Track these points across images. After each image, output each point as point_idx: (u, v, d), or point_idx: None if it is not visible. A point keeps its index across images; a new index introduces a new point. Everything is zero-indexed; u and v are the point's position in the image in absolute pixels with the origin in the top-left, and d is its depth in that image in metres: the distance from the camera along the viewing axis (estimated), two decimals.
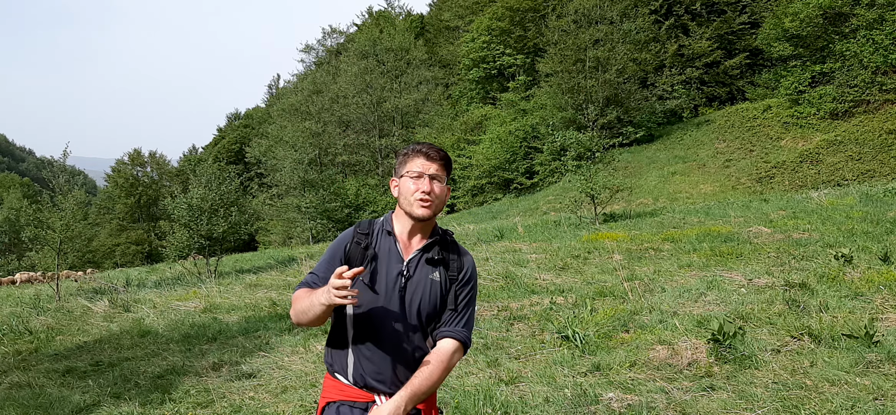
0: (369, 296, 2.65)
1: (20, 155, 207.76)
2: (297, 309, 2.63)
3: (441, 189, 2.71)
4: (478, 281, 3.13)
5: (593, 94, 40.46)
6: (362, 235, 2.76)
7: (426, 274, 2.72)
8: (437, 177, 2.69)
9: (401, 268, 2.69)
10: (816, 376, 5.67)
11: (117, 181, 72.79)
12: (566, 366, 6.65)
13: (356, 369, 2.68)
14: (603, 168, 24.98)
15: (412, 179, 2.69)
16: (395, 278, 2.67)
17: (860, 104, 31.51)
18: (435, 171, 2.69)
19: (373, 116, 59.45)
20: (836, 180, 27.17)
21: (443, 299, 2.74)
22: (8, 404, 7.08)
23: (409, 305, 2.67)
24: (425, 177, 2.67)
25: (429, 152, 2.72)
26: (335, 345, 2.77)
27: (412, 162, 2.72)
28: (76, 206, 18.26)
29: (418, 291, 2.69)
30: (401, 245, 2.74)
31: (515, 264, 13.62)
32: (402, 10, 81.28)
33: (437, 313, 2.73)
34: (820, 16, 32.79)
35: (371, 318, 2.65)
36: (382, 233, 2.78)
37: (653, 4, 44.30)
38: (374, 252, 2.72)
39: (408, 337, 2.67)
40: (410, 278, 2.69)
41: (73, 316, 12.73)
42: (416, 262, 2.72)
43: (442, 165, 2.72)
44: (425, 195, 2.65)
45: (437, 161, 2.71)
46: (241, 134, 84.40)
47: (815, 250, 11.51)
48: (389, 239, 2.76)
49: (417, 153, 2.73)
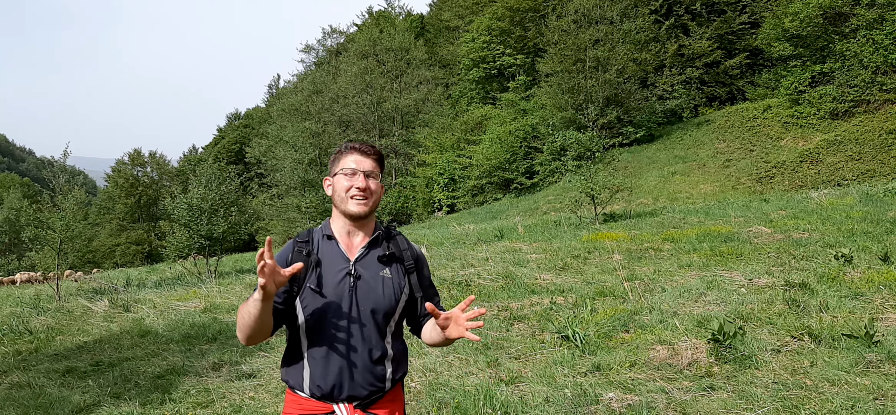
0: (319, 302, 2.59)
1: (20, 155, 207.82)
2: (241, 324, 2.52)
3: (376, 185, 2.69)
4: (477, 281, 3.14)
5: (593, 94, 40.45)
6: (302, 243, 2.69)
7: (377, 272, 2.67)
8: (371, 173, 2.67)
9: (348, 268, 2.64)
10: (816, 376, 5.67)
11: (117, 181, 72.80)
12: (566, 366, 6.65)
13: (312, 381, 2.60)
14: (603, 168, 24.99)
15: (346, 177, 2.66)
16: (342, 280, 2.62)
17: (860, 104, 31.48)
18: (369, 167, 2.67)
19: (373, 116, 59.46)
20: (836, 180, 27.15)
21: (398, 294, 2.69)
22: (8, 404, 7.08)
23: (361, 306, 2.61)
24: (359, 173, 2.65)
25: (362, 148, 2.70)
26: (290, 360, 2.69)
27: (345, 159, 2.69)
28: (76, 206, 18.25)
29: (370, 290, 2.63)
30: (343, 246, 2.69)
31: (515, 264, 13.61)
32: (402, 10, 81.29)
33: (394, 311, 2.68)
34: (820, 16, 32.77)
35: (323, 324, 2.59)
36: (323, 238, 2.72)
37: (653, 4, 44.28)
38: (317, 258, 2.65)
39: (363, 339, 2.60)
40: (360, 278, 2.63)
41: (74, 316, 12.74)
42: (365, 260, 2.68)
43: (375, 162, 2.70)
44: (360, 191, 2.63)
45: (370, 157, 2.69)
46: (241, 134, 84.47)
47: (815, 250, 11.50)
48: (331, 243, 2.70)
49: (350, 150, 2.71)
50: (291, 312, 2.64)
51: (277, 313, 2.59)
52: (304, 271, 2.61)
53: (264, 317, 2.44)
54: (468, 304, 2.53)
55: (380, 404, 2.67)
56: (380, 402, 2.67)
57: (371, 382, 2.61)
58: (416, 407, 5.92)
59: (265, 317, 2.44)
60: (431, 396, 6.09)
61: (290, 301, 2.62)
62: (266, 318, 2.45)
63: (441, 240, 21.34)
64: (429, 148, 52.13)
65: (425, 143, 52.88)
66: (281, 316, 2.62)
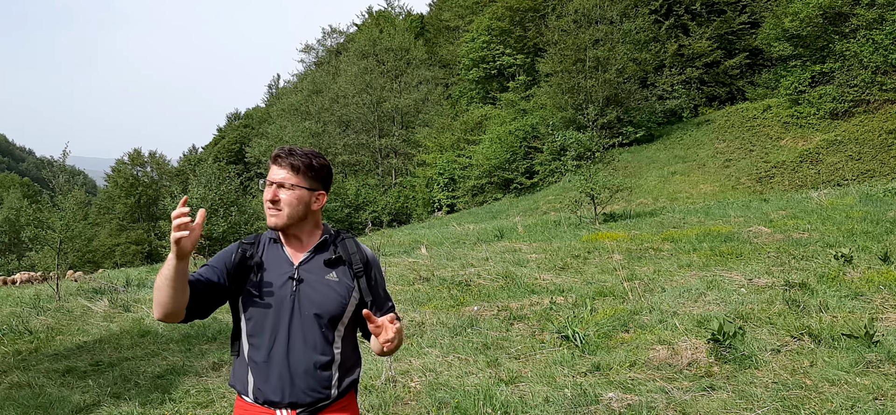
0: (259, 306, 2.55)
1: (20, 155, 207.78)
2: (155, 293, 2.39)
3: (291, 195, 2.57)
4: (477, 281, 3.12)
5: (593, 94, 40.45)
6: (248, 244, 2.66)
7: (322, 276, 2.61)
8: (282, 183, 2.57)
9: (291, 272, 2.59)
10: (816, 376, 5.67)
11: (117, 181, 72.71)
12: (566, 366, 6.65)
13: (255, 386, 2.56)
14: (603, 168, 25.01)
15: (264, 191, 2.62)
16: (285, 283, 2.57)
17: (860, 104, 31.49)
18: (281, 177, 2.57)
19: (373, 116, 59.47)
20: (836, 180, 27.16)
21: (345, 298, 2.62)
22: (8, 403, 7.08)
23: (304, 310, 2.55)
24: (272, 185, 2.58)
25: (278, 158, 2.61)
26: (236, 371, 2.66)
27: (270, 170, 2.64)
28: (76, 206, 18.29)
29: (314, 293, 2.57)
30: (288, 251, 2.65)
31: (515, 264, 13.62)
32: (402, 10, 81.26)
33: (340, 315, 2.61)
34: (820, 16, 32.77)
35: (263, 328, 2.55)
36: (269, 242, 2.68)
37: (653, 4, 44.26)
38: (258, 261, 2.61)
39: (305, 344, 2.54)
40: (302, 282, 2.58)
41: (73, 316, 12.73)
42: (309, 264, 2.63)
43: (289, 169, 2.59)
44: (269, 203, 2.56)
45: (283, 166, 2.58)
46: (241, 134, 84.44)
47: (814, 250, 11.51)
48: (276, 246, 2.67)
49: (271, 160, 2.64)
50: (235, 315, 2.65)
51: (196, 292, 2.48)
52: (246, 275, 2.58)
53: (178, 282, 2.34)
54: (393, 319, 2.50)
55: (327, 411, 2.61)
56: (327, 410, 2.61)
57: (314, 388, 2.55)
58: (415, 407, 5.92)
59: (179, 282, 2.34)
60: (431, 396, 6.09)
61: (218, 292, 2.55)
62: (181, 283, 2.35)
63: (441, 240, 21.35)
64: (429, 148, 52.12)
65: (425, 143, 52.87)
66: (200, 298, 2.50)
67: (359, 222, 49.84)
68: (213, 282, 2.54)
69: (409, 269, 14.27)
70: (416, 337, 8.41)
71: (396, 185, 56.07)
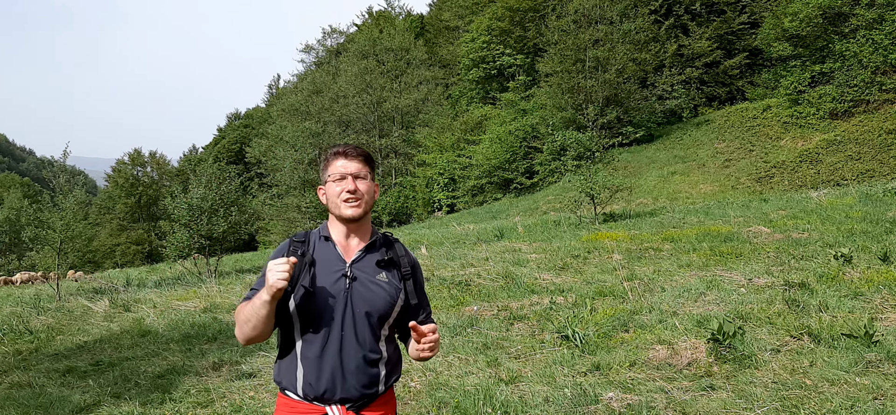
0: (313, 302, 2.58)
1: (20, 155, 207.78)
2: (241, 321, 2.54)
3: (367, 186, 2.69)
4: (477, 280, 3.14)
5: (593, 94, 40.46)
6: (298, 243, 2.70)
7: (373, 275, 2.67)
8: (359, 175, 2.67)
9: (344, 270, 2.63)
10: (816, 376, 5.68)
11: (117, 181, 72.80)
12: (566, 366, 6.66)
13: (305, 382, 2.58)
14: (602, 168, 24.97)
15: (335, 182, 2.67)
16: (338, 281, 2.61)
17: (860, 104, 31.48)
18: (356, 169, 2.67)
19: (373, 116, 59.45)
20: (836, 180, 27.16)
21: (394, 299, 2.69)
22: (8, 403, 7.09)
23: (356, 308, 2.60)
24: (348, 177, 2.65)
25: (346, 151, 2.70)
26: (283, 366, 2.67)
27: (332, 165, 2.70)
28: (76, 206, 18.26)
29: (366, 292, 2.63)
30: (340, 248, 2.69)
31: (515, 264, 13.62)
32: (402, 10, 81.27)
33: (389, 314, 2.68)
34: (819, 16, 32.76)
35: (317, 324, 2.58)
36: (320, 239, 2.73)
37: (652, 4, 44.26)
38: (311, 258, 2.64)
39: (357, 341, 2.59)
40: (355, 280, 2.63)
41: (74, 316, 12.75)
42: (361, 263, 2.68)
43: (363, 162, 2.70)
44: (350, 194, 2.63)
45: (356, 159, 2.69)
46: (242, 134, 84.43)
47: (814, 250, 11.51)
48: (328, 244, 2.71)
49: (336, 155, 2.72)
50: (285, 311, 2.63)
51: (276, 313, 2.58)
52: (299, 271, 2.59)
53: (270, 318, 2.48)
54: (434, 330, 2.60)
55: (372, 406, 2.67)
56: (372, 404, 2.67)
57: (364, 384, 2.60)
58: (415, 407, 5.93)
59: (271, 318, 2.48)
60: (431, 395, 6.10)
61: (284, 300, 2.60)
62: (271, 318, 2.49)
63: (441, 240, 21.35)
64: (429, 148, 52.11)
65: (425, 143, 52.86)
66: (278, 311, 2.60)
67: None
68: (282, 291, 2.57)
69: None
70: None
71: (396, 185, 56.06)
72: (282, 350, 2.69)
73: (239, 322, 2.55)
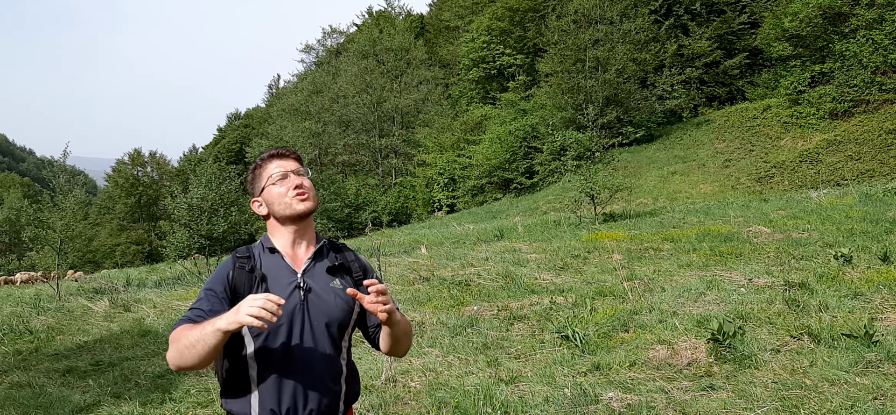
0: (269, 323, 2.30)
1: (20, 155, 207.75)
2: (183, 346, 2.21)
3: (309, 182, 2.59)
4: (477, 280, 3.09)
5: (593, 94, 40.45)
6: (244, 258, 2.48)
7: (327, 282, 2.50)
8: (299, 171, 2.57)
9: (296, 281, 2.45)
10: (816, 376, 5.68)
11: (117, 181, 72.88)
12: (566, 366, 6.66)
13: (263, 407, 2.35)
14: (602, 168, 25.00)
15: (277, 184, 2.54)
16: (292, 294, 2.42)
17: (860, 104, 31.48)
18: (295, 166, 2.57)
19: (373, 116, 59.47)
20: (836, 180, 27.17)
21: (350, 305, 2.52)
22: (8, 403, 7.09)
23: (314, 320, 2.42)
24: (289, 174, 2.54)
25: (280, 152, 2.60)
26: (234, 393, 2.42)
27: (267, 169, 2.58)
28: (76, 206, 18.29)
29: (322, 302, 2.46)
30: (288, 259, 2.52)
31: (515, 264, 13.62)
32: (402, 10, 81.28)
33: (348, 322, 2.52)
34: (819, 16, 32.76)
35: (274, 344, 2.37)
36: (264, 252, 2.53)
37: (652, 4, 44.24)
38: (262, 273, 2.45)
39: (319, 356, 2.41)
40: (310, 291, 2.46)
41: (74, 316, 12.75)
42: (313, 272, 2.51)
43: (297, 160, 2.62)
44: (299, 189, 2.51)
45: (290, 158, 2.60)
46: (242, 134, 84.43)
47: (814, 250, 11.51)
48: (274, 256, 2.52)
49: (269, 159, 2.60)
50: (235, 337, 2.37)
51: None
52: (248, 289, 2.40)
53: (215, 351, 2.20)
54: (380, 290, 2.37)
55: None
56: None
57: (326, 402, 2.42)
58: (415, 407, 5.93)
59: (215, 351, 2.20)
60: (431, 395, 6.10)
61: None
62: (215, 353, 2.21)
63: (441, 240, 21.36)
64: (429, 148, 52.12)
65: (425, 143, 52.87)
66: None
67: (359, 222, 49.82)
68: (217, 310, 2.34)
69: (410, 269, 14.28)
70: (416, 337, 8.42)
71: (396, 185, 56.08)
72: (232, 383, 2.44)
73: (179, 347, 2.23)
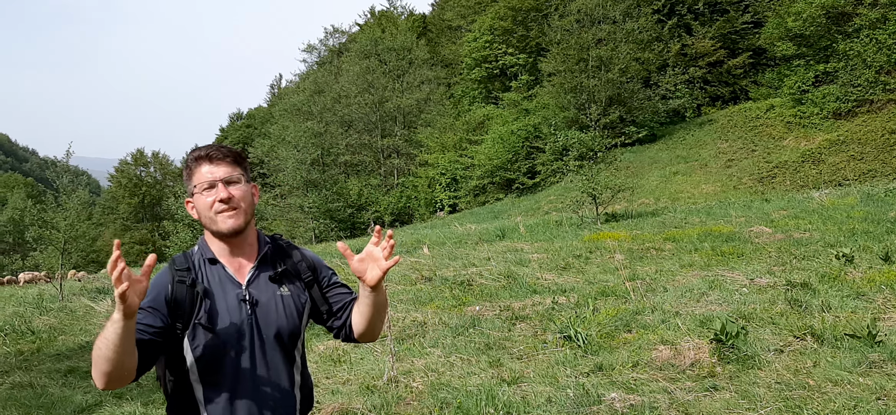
0: (213, 340, 2.21)
1: (23, 155, 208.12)
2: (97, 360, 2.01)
3: (241, 191, 2.31)
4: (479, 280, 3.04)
5: (596, 94, 40.42)
6: (183, 271, 2.28)
7: (273, 291, 2.34)
8: (231, 179, 2.30)
9: (241, 294, 2.29)
10: (819, 376, 5.66)
11: (121, 181, 73.00)
12: (568, 366, 6.65)
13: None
14: (605, 168, 25.02)
15: (204, 192, 2.28)
16: (238, 307, 2.27)
17: (863, 104, 31.44)
18: (225, 173, 2.29)
19: (375, 116, 59.48)
20: (838, 180, 27.13)
21: (300, 312, 2.38)
22: (10, 404, 7.10)
23: (264, 333, 2.28)
24: (217, 183, 2.27)
25: (211, 155, 2.31)
26: (179, 411, 2.27)
27: (197, 173, 2.31)
28: (80, 206, 18.30)
29: (271, 312, 2.30)
30: (231, 269, 2.33)
31: (517, 264, 13.62)
32: (405, 10, 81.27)
33: (299, 329, 2.37)
34: (823, 15, 32.72)
35: (221, 362, 2.22)
36: (204, 263, 2.33)
37: (655, 4, 44.17)
38: (203, 287, 2.27)
39: (268, 370, 2.27)
40: (257, 303, 2.29)
41: (76, 316, 12.77)
42: (258, 282, 2.34)
43: (232, 163, 2.33)
44: (223, 204, 2.26)
45: (223, 162, 2.31)
46: (244, 134, 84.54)
47: (816, 250, 11.50)
48: (216, 267, 2.33)
49: (199, 160, 2.31)
50: (177, 356, 2.24)
51: (145, 348, 2.12)
52: (190, 305, 2.23)
53: (127, 344, 1.98)
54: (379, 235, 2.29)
55: None
56: None
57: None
58: (418, 407, 5.93)
59: (128, 345, 1.99)
60: (433, 395, 6.10)
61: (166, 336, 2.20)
62: (129, 346, 2.00)
63: (443, 240, 21.35)
64: (431, 148, 52.13)
65: (427, 143, 52.88)
66: (149, 352, 2.15)
67: (361, 222, 49.92)
68: (159, 327, 2.18)
69: (412, 269, 14.28)
70: (418, 337, 8.42)
71: (398, 185, 56.08)
72: (177, 402, 2.28)
73: (94, 359, 2.04)
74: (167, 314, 2.21)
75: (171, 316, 2.21)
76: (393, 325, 8.84)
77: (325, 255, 19.23)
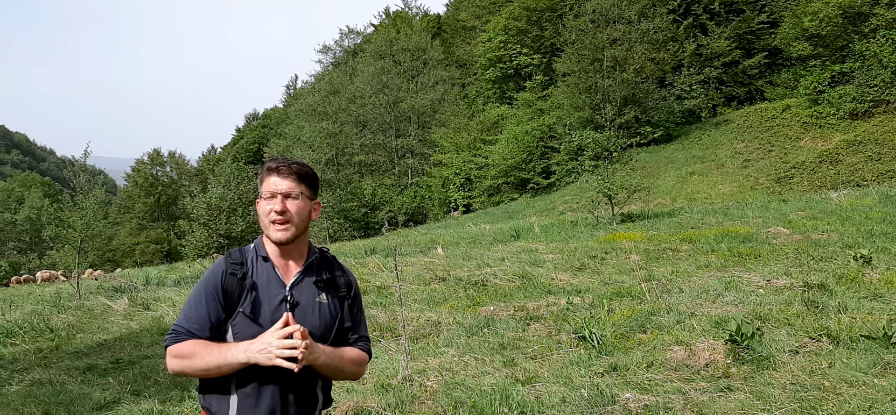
0: (252, 330, 2.42)
1: (41, 155, 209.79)
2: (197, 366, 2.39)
3: (297, 207, 2.50)
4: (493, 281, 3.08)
5: (611, 94, 40.30)
6: (236, 264, 2.51)
7: (313, 297, 2.55)
8: (291, 194, 2.49)
9: (284, 294, 2.50)
10: (834, 378, 5.64)
11: (137, 181, 73.44)
12: (583, 366, 6.65)
13: (240, 413, 2.42)
14: (620, 168, 24.92)
15: (266, 200, 2.51)
16: (279, 306, 2.47)
17: (880, 104, 31.19)
18: (288, 187, 2.49)
19: (389, 116, 59.61)
20: (856, 181, 26.93)
21: (333, 321, 2.59)
22: (29, 401, 7.17)
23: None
24: (278, 196, 2.48)
25: (279, 168, 2.51)
26: (213, 390, 2.48)
27: (266, 181, 2.53)
28: (96, 205, 18.44)
29: (307, 317, 2.50)
30: (279, 270, 2.55)
31: (532, 264, 13.61)
32: (419, 10, 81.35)
33: (328, 338, 2.55)
34: (839, 15, 32.48)
35: None
36: (258, 259, 2.56)
37: (671, 4, 43.99)
38: (252, 281, 2.49)
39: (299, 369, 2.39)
40: (297, 305, 2.50)
41: (94, 314, 12.86)
42: (301, 286, 2.55)
43: (296, 180, 2.51)
44: (278, 216, 2.46)
45: (289, 176, 2.50)
46: (260, 134, 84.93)
47: (833, 251, 11.42)
48: (266, 265, 2.55)
49: (269, 171, 2.54)
50: (218, 336, 2.48)
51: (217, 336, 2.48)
52: (238, 295, 2.47)
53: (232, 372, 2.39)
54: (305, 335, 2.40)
55: None
56: None
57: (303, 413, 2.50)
58: (432, 406, 5.94)
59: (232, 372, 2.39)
60: (448, 395, 6.11)
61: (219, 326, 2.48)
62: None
63: (457, 240, 21.37)
64: (445, 148, 52.17)
65: (441, 143, 52.93)
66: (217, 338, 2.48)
67: (375, 222, 49.98)
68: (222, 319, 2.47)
69: (426, 268, 14.30)
70: (432, 336, 8.44)
71: (413, 185, 56.16)
72: (211, 378, 2.48)
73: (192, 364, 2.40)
74: (223, 302, 2.48)
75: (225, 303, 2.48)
76: (407, 324, 8.86)
77: (340, 255, 19.29)
